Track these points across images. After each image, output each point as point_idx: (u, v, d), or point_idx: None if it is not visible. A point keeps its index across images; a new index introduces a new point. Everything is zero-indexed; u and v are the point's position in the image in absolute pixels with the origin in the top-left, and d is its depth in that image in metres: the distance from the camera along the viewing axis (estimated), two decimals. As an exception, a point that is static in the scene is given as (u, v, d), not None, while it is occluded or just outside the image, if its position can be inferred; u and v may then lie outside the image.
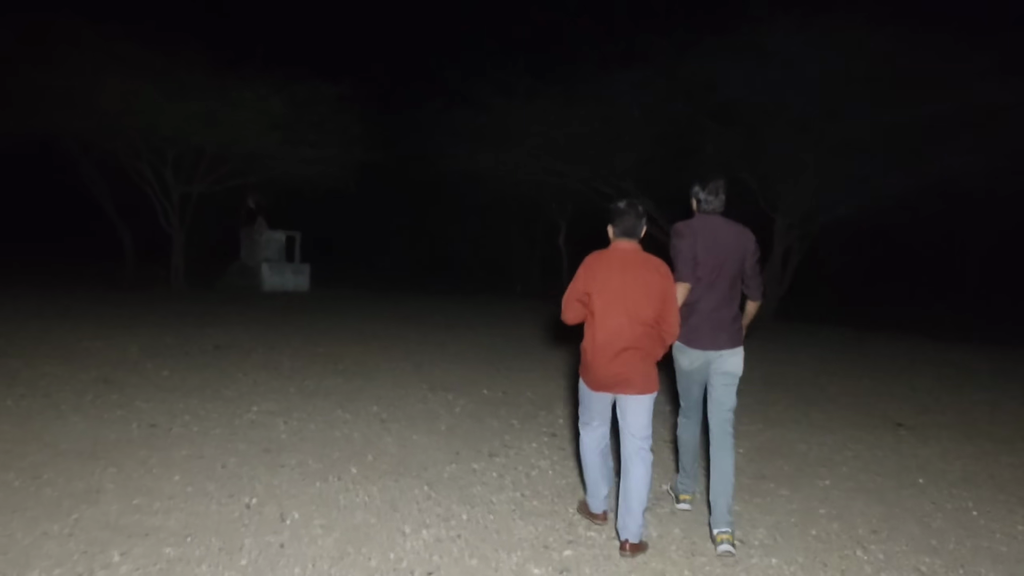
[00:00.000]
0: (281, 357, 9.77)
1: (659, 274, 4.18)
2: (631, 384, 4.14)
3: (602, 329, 4.12)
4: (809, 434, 7.34)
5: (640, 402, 4.18)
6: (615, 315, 4.10)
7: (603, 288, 4.13)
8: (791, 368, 11.16)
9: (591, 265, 4.24)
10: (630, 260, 4.19)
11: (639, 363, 4.13)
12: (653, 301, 4.12)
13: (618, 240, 4.27)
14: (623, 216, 4.24)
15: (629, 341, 4.10)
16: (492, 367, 9.98)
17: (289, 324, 13.25)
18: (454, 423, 6.92)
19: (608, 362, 4.12)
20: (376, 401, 7.59)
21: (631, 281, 4.12)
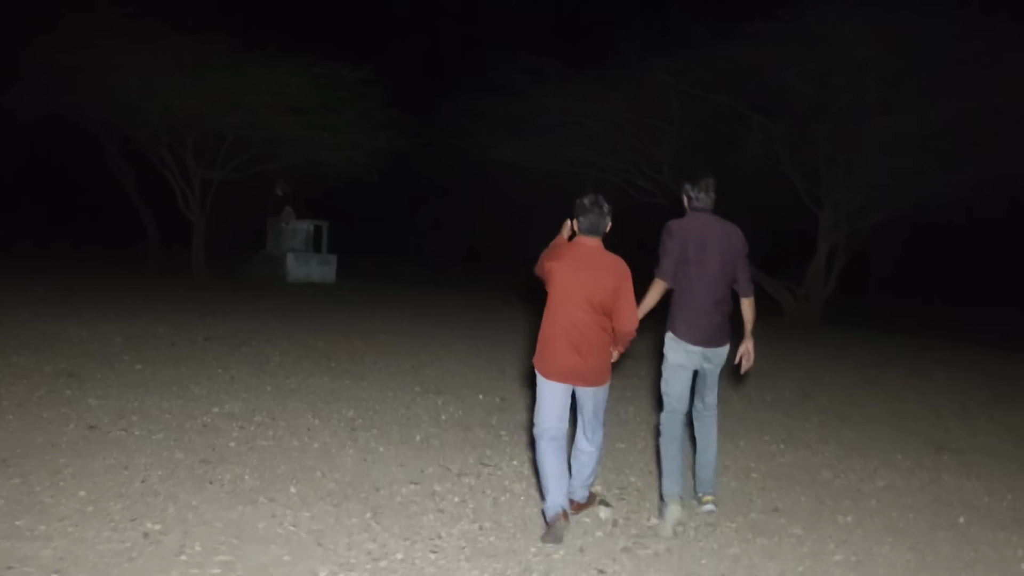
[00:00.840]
0: (273, 351, 9.15)
1: (612, 273, 4.27)
2: (588, 375, 4.30)
3: (556, 317, 4.29)
4: (837, 458, 6.46)
5: (596, 392, 4.40)
6: (566, 306, 4.25)
7: (559, 282, 4.29)
8: (829, 378, 10.24)
9: (554, 258, 4.38)
10: (588, 257, 4.30)
11: (596, 355, 4.29)
12: (603, 297, 4.22)
13: (582, 236, 4.36)
14: (588, 212, 4.30)
15: (581, 332, 4.24)
16: (498, 369, 9.24)
17: (299, 316, 12.65)
18: (433, 433, 6.19)
19: (568, 354, 4.27)
20: (355, 404, 6.90)
21: (586, 276, 4.24)
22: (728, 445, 6.58)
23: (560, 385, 4.34)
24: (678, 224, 4.71)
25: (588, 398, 4.40)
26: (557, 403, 4.37)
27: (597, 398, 4.42)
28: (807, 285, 18.29)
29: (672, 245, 4.63)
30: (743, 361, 4.86)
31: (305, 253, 20.38)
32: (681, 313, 4.69)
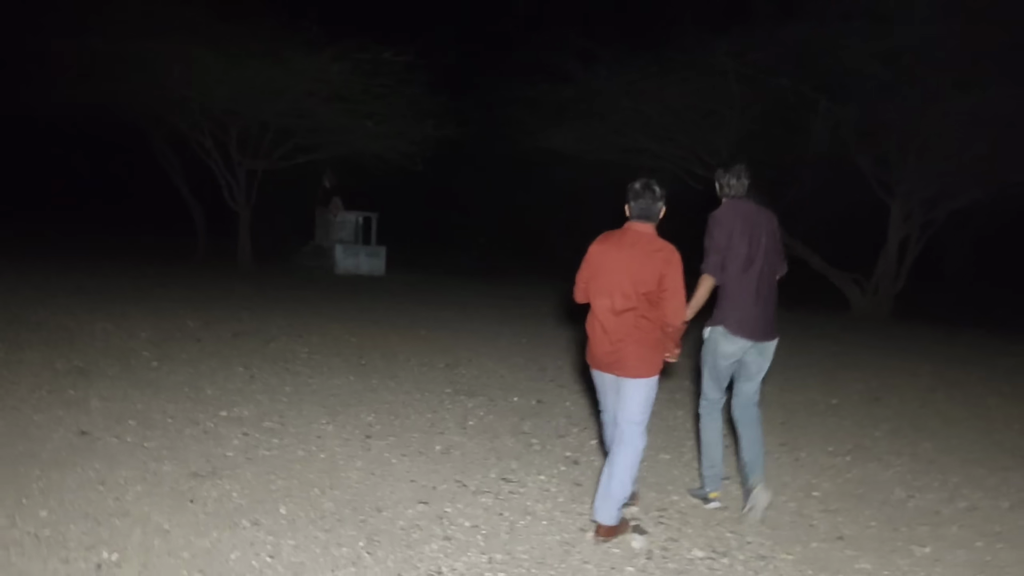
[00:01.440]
0: (303, 347, 8.70)
1: (661, 259, 4.02)
2: (625, 365, 4.07)
3: (597, 307, 4.13)
4: (912, 473, 5.70)
5: (635, 386, 4.09)
6: (607, 293, 4.08)
7: (601, 267, 4.12)
8: (903, 380, 9.38)
9: (597, 243, 4.22)
10: (636, 241, 4.09)
11: (633, 345, 4.04)
12: (647, 284, 3.99)
13: (633, 221, 4.17)
14: (639, 197, 4.13)
15: (622, 321, 4.04)
16: (539, 368, 8.63)
17: (340, 309, 12.25)
18: (456, 442, 5.61)
19: (603, 341, 4.11)
20: (377, 407, 6.36)
21: (628, 261, 4.03)
22: (787, 458, 5.88)
23: (603, 375, 4.21)
24: (722, 214, 4.52)
25: (627, 390, 4.10)
26: (608, 393, 4.27)
27: (637, 392, 4.09)
28: (877, 278, 17.28)
29: (720, 236, 4.43)
30: None
31: (354, 245, 20.05)
32: (731, 306, 4.48)
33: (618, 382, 4.14)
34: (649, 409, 4.16)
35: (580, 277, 4.26)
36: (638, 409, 4.11)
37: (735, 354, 4.54)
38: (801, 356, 10.64)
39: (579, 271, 4.27)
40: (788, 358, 10.52)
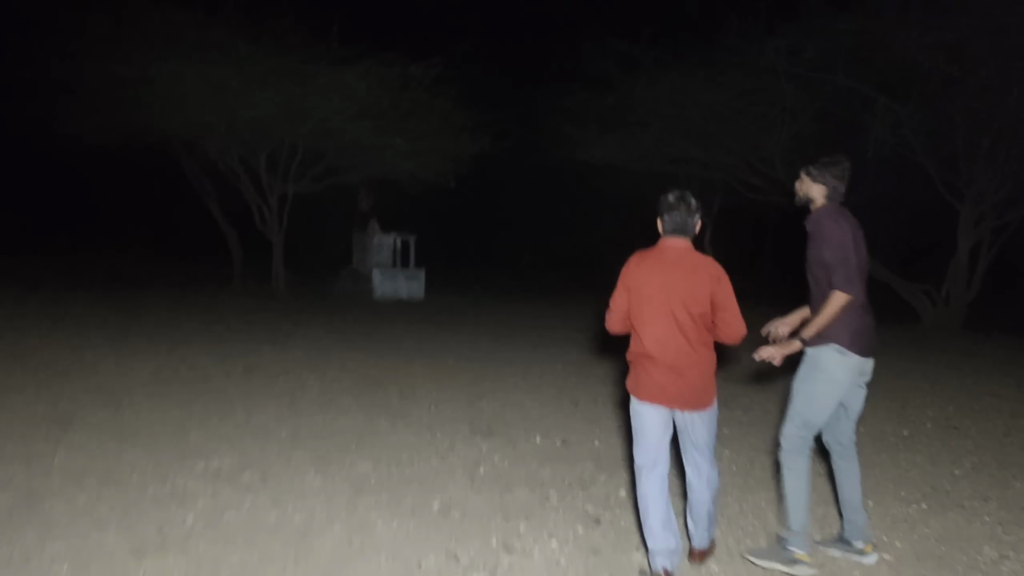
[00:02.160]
0: (316, 383, 8.05)
1: (707, 276, 3.66)
2: (689, 397, 3.70)
3: (648, 337, 3.70)
4: (1002, 524, 4.75)
5: (702, 418, 3.77)
6: (658, 320, 3.68)
7: (643, 290, 3.71)
8: (983, 404, 8.35)
9: (633, 265, 3.79)
10: (677, 259, 3.71)
11: (696, 373, 3.68)
12: (700, 305, 3.63)
13: (667, 237, 3.76)
14: (673, 210, 3.72)
15: (678, 348, 3.66)
16: (571, 401, 7.83)
17: (369, 338, 11.63)
18: (459, 497, 4.83)
19: (660, 372, 3.69)
20: (379, 453, 5.63)
21: (675, 282, 3.65)
22: (853, 509, 4.97)
23: (657, 408, 3.74)
24: (837, 221, 3.94)
25: (692, 425, 3.77)
26: (656, 429, 3.77)
27: (702, 425, 3.78)
28: (947, 287, 16.08)
29: (846, 245, 3.87)
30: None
31: (392, 268, 19.51)
32: (848, 319, 3.92)
33: (679, 417, 3.77)
34: (715, 437, 3.90)
35: (616, 303, 3.83)
36: (708, 438, 3.82)
37: (847, 376, 3.98)
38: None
39: (614, 296, 3.83)
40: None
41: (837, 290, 3.85)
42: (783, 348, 4.01)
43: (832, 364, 3.95)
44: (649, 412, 3.75)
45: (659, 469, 3.78)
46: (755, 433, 6.79)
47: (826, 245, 3.90)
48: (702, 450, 3.81)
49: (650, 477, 3.78)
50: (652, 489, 3.77)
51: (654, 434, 3.76)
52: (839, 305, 3.86)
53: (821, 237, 3.93)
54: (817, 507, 4.90)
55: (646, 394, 3.73)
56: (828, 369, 3.96)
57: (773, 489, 5.23)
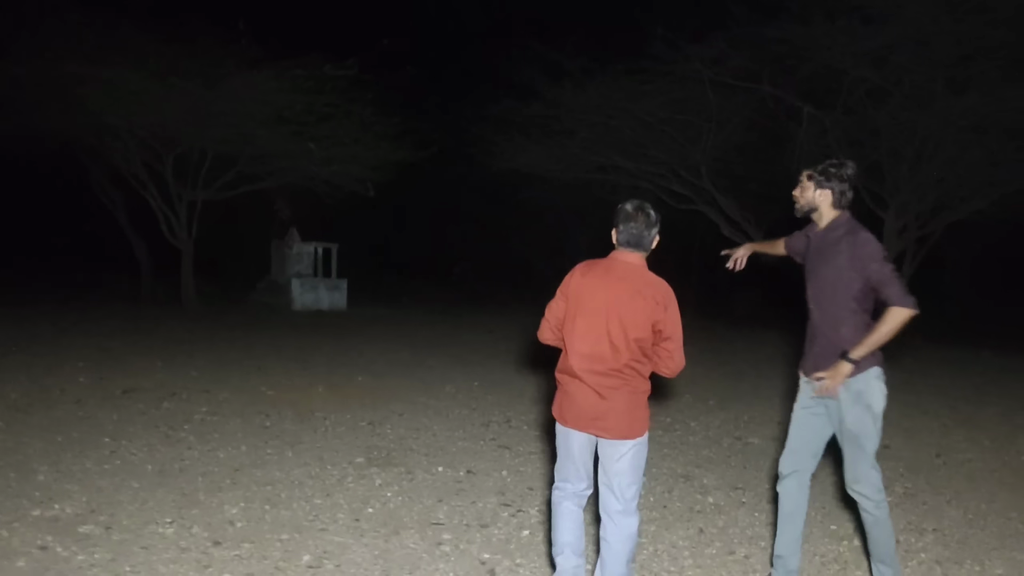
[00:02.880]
0: (202, 407, 7.35)
1: (656, 300, 3.27)
2: (608, 426, 3.30)
3: (575, 353, 3.34)
4: (943, 564, 4.30)
5: (624, 450, 3.32)
6: (591, 337, 3.31)
7: (582, 302, 3.35)
8: (912, 421, 8.07)
9: (578, 274, 3.43)
10: (625, 276, 3.33)
11: (621, 399, 3.29)
12: (639, 329, 3.26)
13: (619, 250, 3.40)
14: (629, 221, 3.35)
15: (607, 371, 3.28)
16: (482, 423, 7.28)
17: (275, 354, 10.91)
18: (336, 547, 4.20)
19: (582, 394, 3.32)
20: (252, 493, 4.98)
21: (618, 300, 3.28)
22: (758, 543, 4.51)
23: (580, 435, 3.37)
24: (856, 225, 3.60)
25: (613, 459, 3.34)
26: (578, 456, 3.41)
27: (625, 459, 3.33)
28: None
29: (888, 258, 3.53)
30: None
31: (312, 279, 18.77)
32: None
33: (600, 448, 3.37)
34: (640, 478, 3.40)
35: (551, 312, 3.49)
36: (628, 478, 3.34)
37: None
38: (793, 392, 9.31)
39: (551, 304, 3.50)
40: (780, 396, 9.24)
41: (897, 306, 3.43)
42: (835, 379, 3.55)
43: (880, 394, 3.58)
44: (570, 438, 3.40)
45: (579, 499, 3.46)
46: (676, 455, 6.34)
47: (870, 257, 3.48)
48: (620, 495, 3.34)
49: (565, 506, 3.45)
50: (566, 519, 3.44)
51: (575, 461, 3.42)
52: (901, 322, 3.45)
53: (856, 247, 3.51)
54: (740, 547, 4.44)
55: (570, 420, 3.38)
56: (879, 399, 3.57)
57: (693, 523, 4.76)
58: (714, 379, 10.04)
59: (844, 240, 3.56)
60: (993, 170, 14.13)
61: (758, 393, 9.24)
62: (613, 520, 3.34)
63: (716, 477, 5.80)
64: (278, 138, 14.42)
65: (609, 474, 3.36)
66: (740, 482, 5.71)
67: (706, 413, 8.06)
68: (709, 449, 6.63)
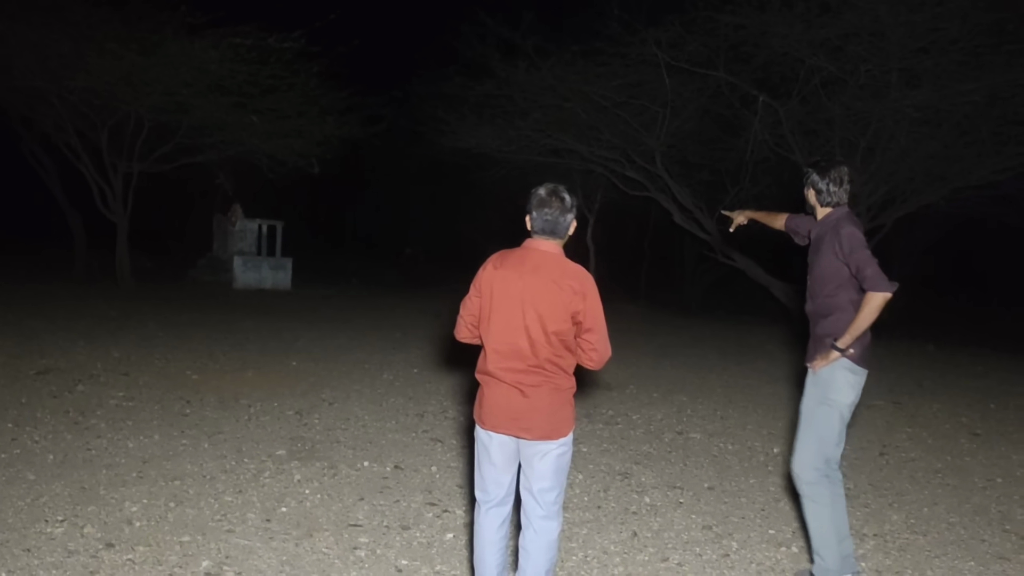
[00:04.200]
0: (118, 391, 6.95)
1: (574, 290, 3.03)
2: (531, 425, 3.07)
3: (492, 352, 3.12)
4: (883, 574, 4.15)
5: (547, 452, 3.11)
6: (507, 334, 3.08)
7: (496, 297, 3.11)
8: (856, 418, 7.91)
9: (490, 267, 3.18)
10: (540, 266, 3.08)
11: (543, 398, 3.08)
12: (558, 322, 3.04)
13: (534, 238, 3.17)
14: (543, 206, 3.11)
15: (526, 368, 3.07)
16: (417, 413, 6.99)
17: (207, 336, 10.46)
18: (242, 551, 3.88)
19: (502, 394, 3.09)
20: (158, 488, 4.63)
21: (533, 292, 3.05)
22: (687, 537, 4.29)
23: (501, 438, 3.15)
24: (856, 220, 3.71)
25: (534, 461, 3.14)
26: (499, 462, 3.18)
27: (548, 460, 3.13)
28: (821, 289, 15.98)
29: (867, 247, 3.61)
30: None
31: (255, 257, 18.24)
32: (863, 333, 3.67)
33: (520, 447, 3.16)
34: (564, 482, 3.22)
35: (466, 309, 3.29)
36: (551, 482, 3.15)
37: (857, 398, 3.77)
38: (738, 384, 9.19)
39: (465, 301, 3.30)
40: (724, 388, 9.09)
41: (872, 291, 3.50)
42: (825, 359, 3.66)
43: (850, 384, 3.70)
44: (491, 441, 3.18)
45: (500, 508, 3.24)
46: (616, 451, 6.11)
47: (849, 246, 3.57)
48: (541, 500, 3.15)
49: (488, 517, 3.24)
50: (489, 530, 3.23)
51: (496, 467, 3.20)
52: (878, 306, 3.52)
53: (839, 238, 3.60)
54: (674, 553, 4.21)
55: (488, 421, 3.16)
56: (846, 390, 3.69)
57: (627, 526, 4.52)
58: (660, 370, 9.86)
59: (830, 233, 3.67)
60: (944, 164, 14.13)
61: (704, 385, 9.07)
62: (533, 526, 3.16)
63: (654, 475, 5.58)
64: (218, 109, 13.85)
65: (531, 478, 3.16)
66: (679, 481, 5.49)
67: (649, 405, 7.84)
68: (650, 444, 6.41)
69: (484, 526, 3.23)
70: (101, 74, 12.37)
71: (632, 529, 4.51)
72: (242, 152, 15.68)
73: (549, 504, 3.14)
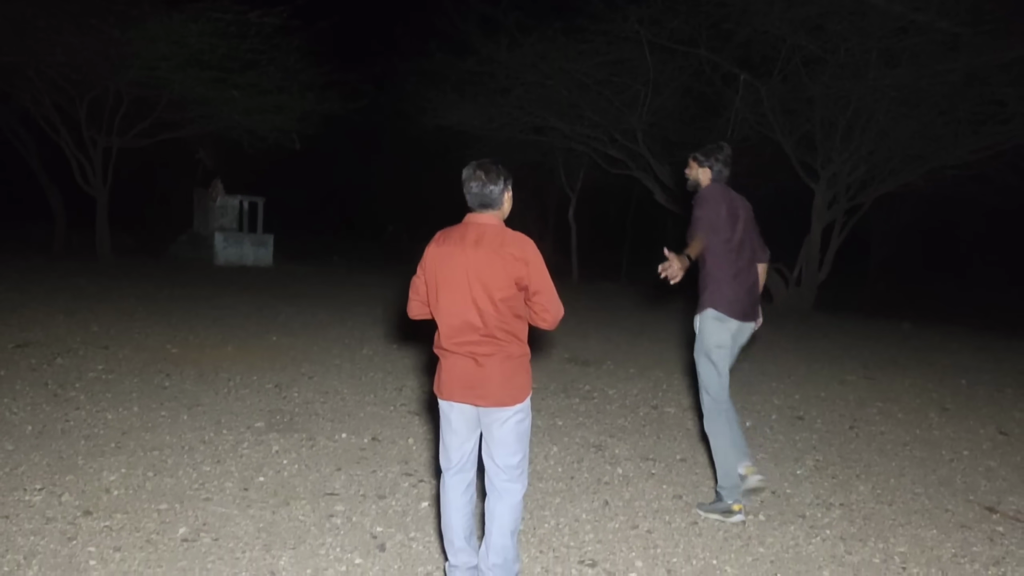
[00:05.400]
0: (98, 363, 6.98)
1: (514, 258, 3.12)
2: (486, 393, 3.16)
3: (445, 325, 3.21)
4: (847, 540, 4.21)
5: (505, 418, 3.19)
6: (457, 307, 3.16)
7: (442, 273, 3.19)
8: (830, 392, 8.08)
9: (433, 244, 3.28)
10: (479, 238, 3.16)
11: (496, 365, 3.16)
12: (503, 290, 3.12)
13: (472, 213, 3.26)
14: (469, 181, 3.21)
15: (478, 339, 3.15)
16: (396, 387, 7.05)
17: (190, 309, 10.50)
18: (219, 518, 3.95)
19: (457, 365, 3.20)
20: (137, 459, 4.68)
21: (476, 263, 3.12)
22: (681, 519, 4.39)
23: (460, 407, 3.24)
24: (711, 193, 4.38)
25: (493, 428, 3.22)
26: (460, 430, 3.28)
27: (507, 427, 3.21)
28: (800, 268, 16.16)
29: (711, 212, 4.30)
30: None
31: (236, 233, 18.18)
32: (720, 287, 4.43)
33: (480, 415, 3.24)
34: (526, 444, 3.30)
35: (414, 289, 3.36)
36: (512, 447, 3.22)
37: (730, 339, 4.50)
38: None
39: (413, 280, 3.36)
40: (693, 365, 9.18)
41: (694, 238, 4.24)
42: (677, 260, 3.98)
43: (716, 328, 4.43)
44: (452, 410, 3.27)
45: (463, 475, 3.35)
46: (591, 424, 6.20)
47: (695, 211, 4.31)
48: (503, 464, 3.24)
49: (452, 482, 3.35)
50: (454, 496, 3.35)
51: (458, 435, 3.30)
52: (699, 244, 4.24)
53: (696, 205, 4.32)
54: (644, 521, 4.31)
55: (446, 391, 3.25)
56: (714, 333, 4.43)
57: (599, 495, 4.62)
58: (638, 346, 9.96)
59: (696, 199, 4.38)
60: (923, 143, 14.26)
61: (681, 360, 9.17)
62: (497, 489, 3.26)
63: (628, 447, 5.68)
64: (198, 84, 13.76)
65: (492, 445, 3.25)
66: (652, 453, 5.59)
67: (625, 381, 7.95)
68: (624, 418, 6.51)
69: (449, 491, 3.33)
70: (79, 48, 12.25)
71: (604, 498, 4.60)
72: (222, 127, 15.60)
73: (511, 468, 3.23)
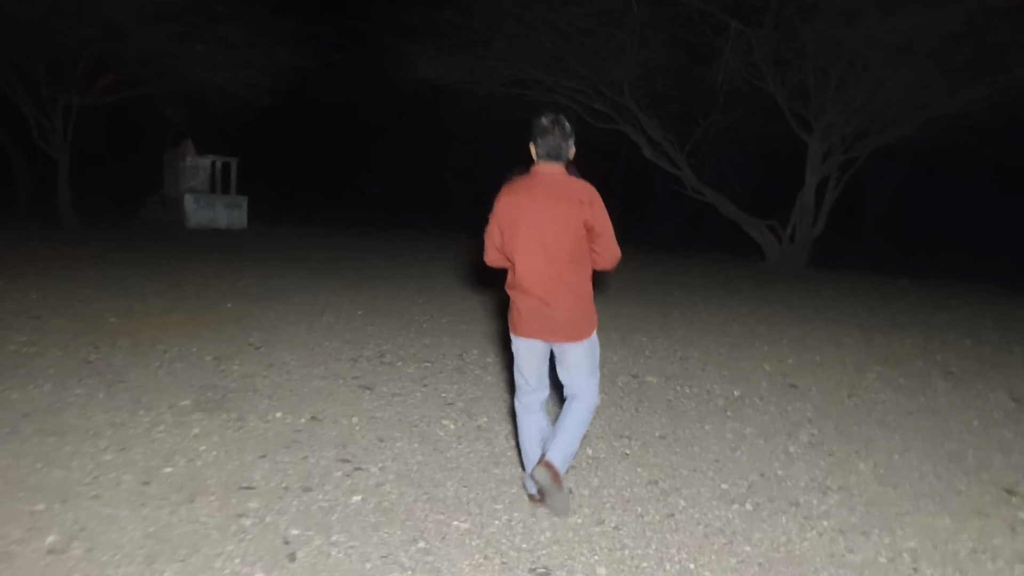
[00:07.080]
0: (20, 335, 6.37)
1: (581, 201, 3.50)
2: (556, 330, 3.58)
3: (521, 268, 3.57)
4: (847, 534, 3.63)
5: (577, 349, 3.62)
6: (531, 251, 3.53)
7: (515, 221, 3.54)
8: (826, 355, 7.50)
9: (504, 196, 3.61)
10: (549, 186, 3.54)
11: (569, 304, 3.56)
12: (572, 233, 3.50)
13: (540, 163, 3.60)
14: (547, 134, 3.55)
15: (550, 280, 3.53)
16: (351, 358, 6.44)
17: (145, 274, 9.89)
18: (105, 519, 3.35)
19: (534, 305, 3.57)
20: (31, 446, 4.07)
21: (546, 210, 3.50)
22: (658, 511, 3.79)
23: (532, 342, 3.65)
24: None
25: (566, 356, 3.66)
26: (533, 363, 3.71)
27: (578, 357, 3.65)
28: (793, 224, 15.55)
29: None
30: None
31: (208, 195, 17.46)
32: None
33: (555, 349, 3.67)
34: (597, 370, 3.76)
35: (489, 238, 3.68)
36: (585, 371, 3.68)
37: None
38: (702, 322, 8.71)
39: (488, 230, 3.68)
40: (687, 327, 8.60)
41: None
42: None
43: None
44: (524, 345, 3.67)
45: (538, 394, 3.77)
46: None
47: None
48: (579, 384, 3.67)
49: (527, 400, 3.78)
50: (529, 410, 3.79)
51: (531, 365, 3.70)
52: None
53: None
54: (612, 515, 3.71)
55: (520, 329, 3.64)
56: None
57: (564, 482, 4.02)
58: (621, 308, 9.33)
59: None
60: (919, 94, 13.57)
61: (666, 324, 8.58)
62: (576, 396, 3.68)
63: (602, 423, 5.09)
64: (159, 38, 12.98)
65: (566, 370, 3.66)
66: (627, 430, 5.01)
67: (606, 347, 7.24)
68: (603, 389, 5.90)
69: (525, 409, 3.78)
70: (36, 4, 11.45)
71: (568, 486, 4.01)
72: (190, 84, 14.83)
73: (588, 386, 3.67)
